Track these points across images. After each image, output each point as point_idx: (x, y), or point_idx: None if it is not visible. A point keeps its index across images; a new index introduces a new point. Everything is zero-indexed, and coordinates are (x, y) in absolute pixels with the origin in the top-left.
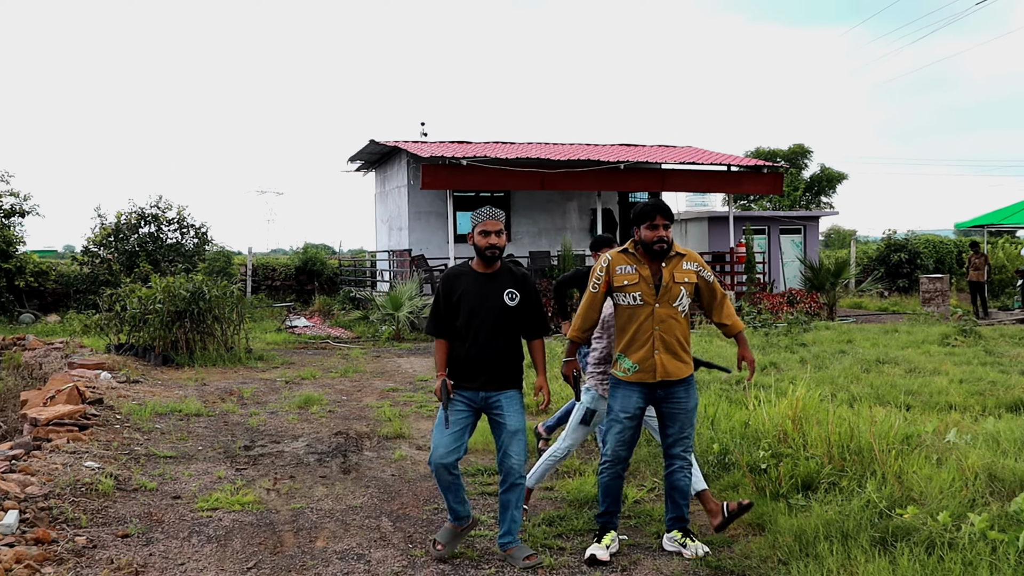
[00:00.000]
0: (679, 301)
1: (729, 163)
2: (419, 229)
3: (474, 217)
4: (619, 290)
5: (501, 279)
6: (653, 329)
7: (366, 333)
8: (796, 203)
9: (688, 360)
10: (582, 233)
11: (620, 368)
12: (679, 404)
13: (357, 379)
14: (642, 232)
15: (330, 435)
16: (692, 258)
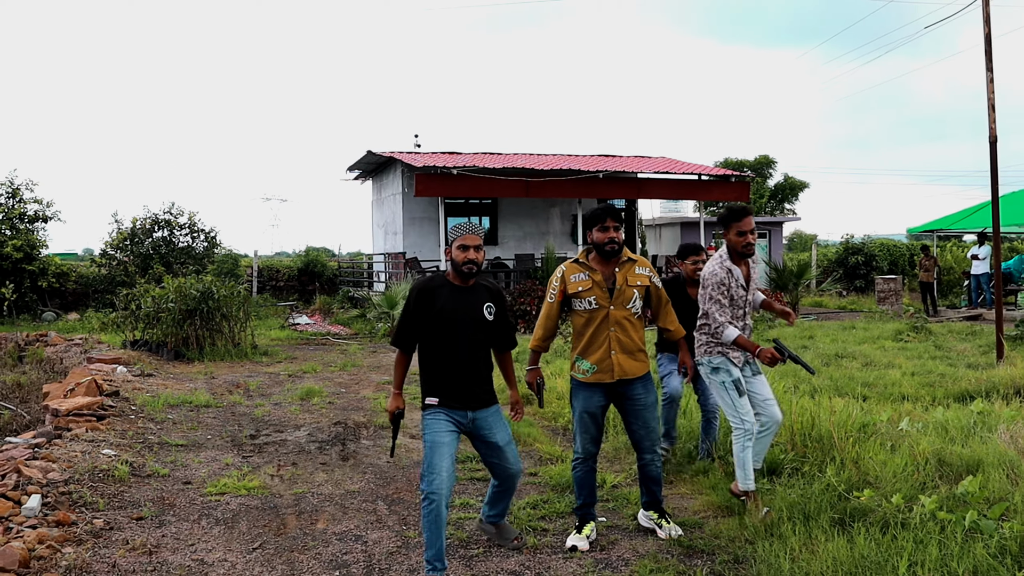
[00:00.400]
0: (632, 304)
1: (700, 172)
2: (413, 234)
3: (453, 231)
4: (575, 296)
5: (479, 293)
6: (609, 331)
7: (363, 330)
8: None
9: (645, 359)
10: (564, 237)
11: (579, 370)
12: (639, 401)
13: (355, 373)
14: (594, 235)
15: (330, 425)
16: (643, 264)
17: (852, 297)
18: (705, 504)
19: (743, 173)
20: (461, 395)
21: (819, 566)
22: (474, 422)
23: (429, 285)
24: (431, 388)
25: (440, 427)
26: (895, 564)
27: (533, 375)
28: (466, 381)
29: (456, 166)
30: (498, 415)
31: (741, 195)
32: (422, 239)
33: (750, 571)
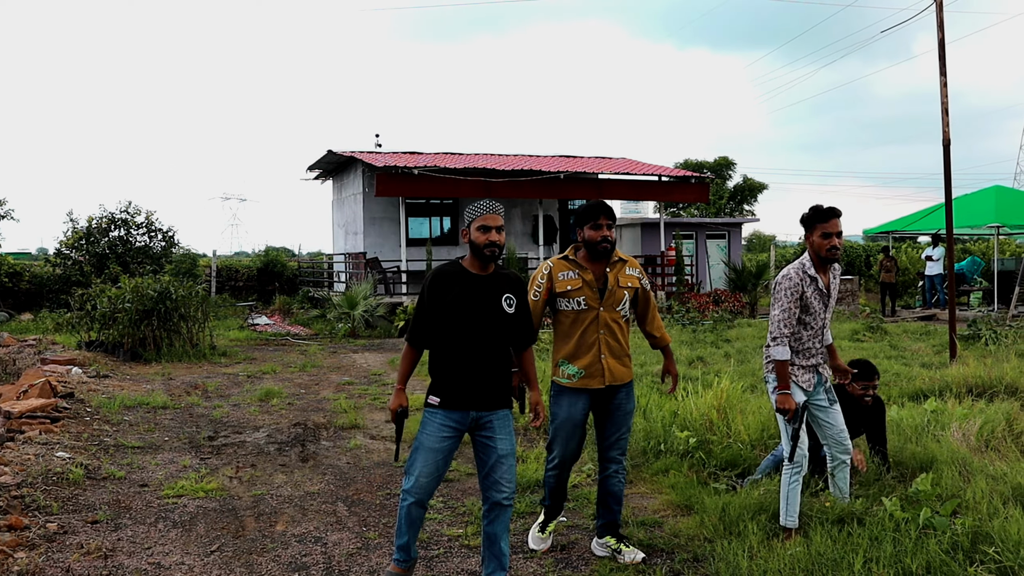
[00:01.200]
0: (622, 306)
1: (660, 174)
2: (373, 233)
3: (471, 211)
4: (562, 296)
5: (498, 282)
6: (598, 333)
7: (323, 330)
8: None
9: (630, 364)
10: (525, 238)
11: (563, 375)
12: (622, 407)
13: (315, 373)
14: (585, 232)
15: (289, 426)
16: (634, 265)
17: None
18: (664, 503)
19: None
20: (467, 394)
21: (777, 563)
22: (477, 422)
23: (445, 272)
24: (436, 385)
25: (433, 430)
26: (851, 561)
27: (515, 378)
28: (475, 379)
29: (417, 166)
30: (507, 421)
31: (701, 196)
32: (383, 239)
33: (709, 569)
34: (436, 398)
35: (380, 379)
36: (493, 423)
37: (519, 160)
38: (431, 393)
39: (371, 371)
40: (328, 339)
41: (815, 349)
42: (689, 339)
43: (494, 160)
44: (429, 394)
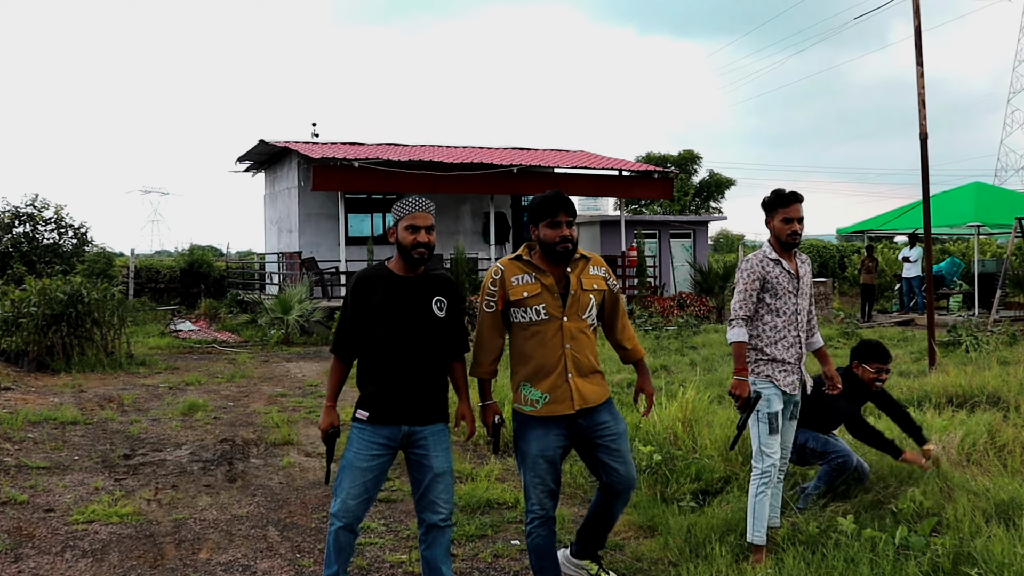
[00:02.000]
0: (588, 313)
1: (621, 168)
2: (309, 231)
3: (398, 208)
4: (518, 305)
5: (428, 284)
6: (563, 348)
7: (254, 337)
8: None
9: (603, 381)
10: (475, 236)
11: (526, 401)
12: (608, 429)
13: (244, 384)
14: (541, 231)
15: (215, 442)
16: (598, 263)
17: None
18: (625, 524)
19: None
20: (397, 406)
21: None
22: (410, 438)
23: (368, 275)
24: (364, 399)
25: (361, 448)
26: None
27: (491, 413)
28: (405, 390)
29: (357, 158)
30: (442, 436)
31: (664, 192)
32: (320, 237)
33: None
34: (364, 412)
35: (316, 390)
36: (427, 439)
37: (469, 152)
38: (359, 407)
39: (306, 381)
40: (259, 347)
41: (793, 340)
42: (652, 346)
43: (442, 152)
44: (357, 408)
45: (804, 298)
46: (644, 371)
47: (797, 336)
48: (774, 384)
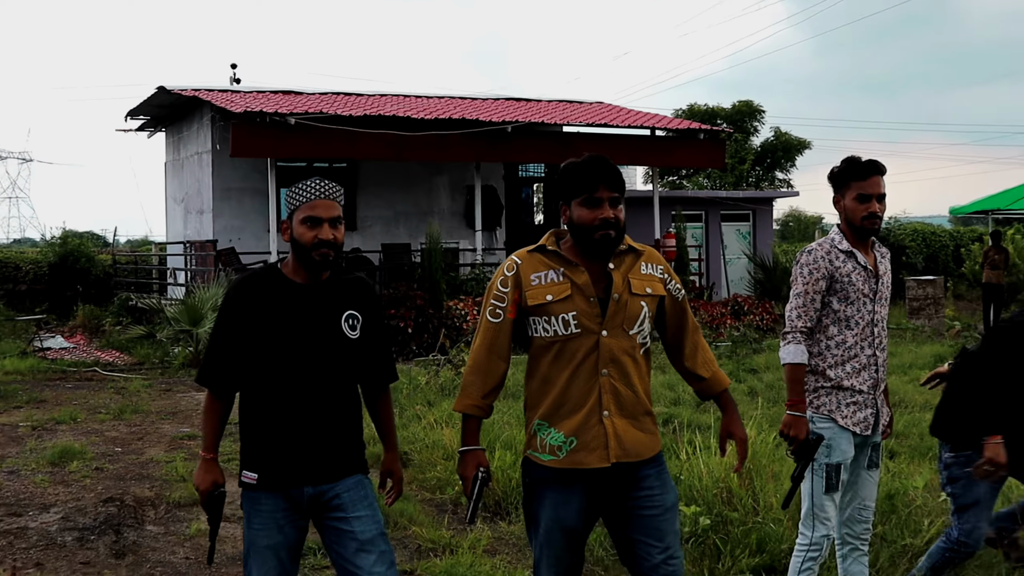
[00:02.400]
0: (639, 326)
1: (654, 125)
2: (228, 212)
3: (293, 195)
4: (538, 312)
5: (336, 294)
6: (598, 375)
7: (151, 357)
8: (743, 180)
9: (655, 427)
10: (455, 219)
11: (543, 447)
12: (651, 501)
13: (138, 422)
14: (573, 211)
15: (97, 503)
16: (653, 258)
17: None
18: None
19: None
20: (296, 463)
21: None
22: (318, 501)
23: (251, 284)
24: (250, 453)
25: (261, 523)
26: None
27: (472, 463)
28: (307, 439)
29: (294, 112)
30: (362, 491)
31: (713, 158)
32: (242, 220)
33: None
34: (251, 474)
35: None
36: (341, 498)
37: (447, 105)
38: (245, 466)
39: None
40: (158, 371)
41: (867, 360)
42: None
43: (411, 104)
44: (243, 467)
45: (883, 304)
46: (731, 407)
47: (873, 356)
48: (836, 423)
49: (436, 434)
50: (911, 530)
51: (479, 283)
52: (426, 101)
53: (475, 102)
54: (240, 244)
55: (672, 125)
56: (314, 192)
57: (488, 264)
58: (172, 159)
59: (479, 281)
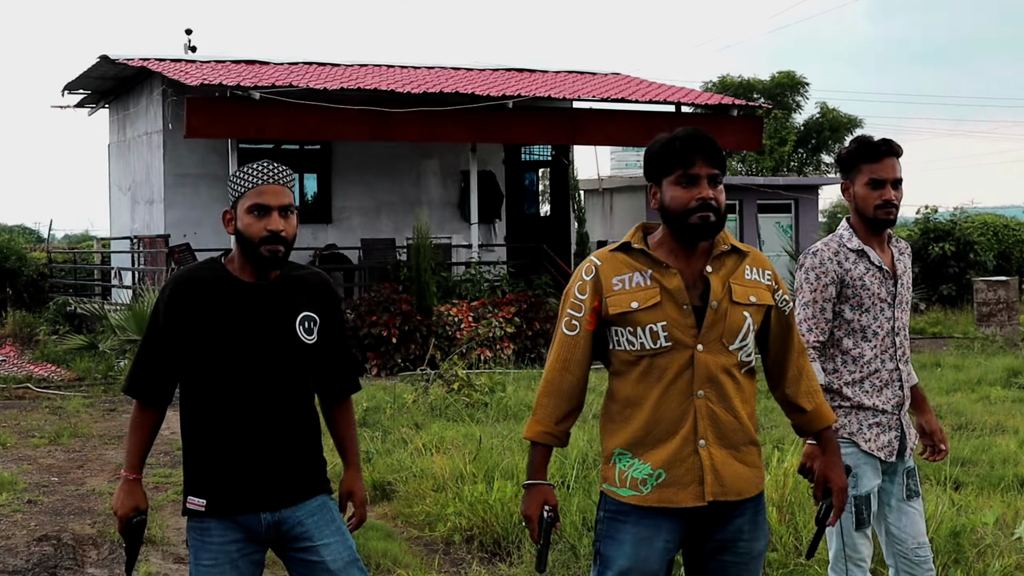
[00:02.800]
0: (740, 340)
1: (680, 100)
2: (182, 202)
3: (236, 180)
4: (621, 322)
5: (288, 293)
6: (692, 397)
7: (94, 372)
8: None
9: (759, 461)
10: (447, 209)
11: (625, 481)
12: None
13: (77, 448)
14: (665, 191)
15: (30, 542)
16: (759, 261)
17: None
18: None
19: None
20: (250, 485)
21: None
22: (279, 529)
23: (192, 280)
24: (196, 477)
25: (211, 557)
26: None
27: (537, 500)
28: (262, 458)
29: (259, 85)
30: (328, 514)
31: (748, 139)
32: (198, 212)
33: None
34: (199, 500)
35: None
36: (306, 524)
37: (438, 76)
38: (190, 491)
39: (175, 443)
40: (101, 387)
41: (889, 376)
42: None
43: (395, 76)
44: (187, 493)
45: (905, 310)
46: (832, 447)
47: (896, 370)
48: (859, 447)
49: (425, 461)
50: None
51: (475, 285)
52: (413, 72)
53: (471, 73)
54: (196, 239)
55: (701, 100)
56: (261, 176)
57: (485, 263)
58: (117, 140)
59: (475, 282)
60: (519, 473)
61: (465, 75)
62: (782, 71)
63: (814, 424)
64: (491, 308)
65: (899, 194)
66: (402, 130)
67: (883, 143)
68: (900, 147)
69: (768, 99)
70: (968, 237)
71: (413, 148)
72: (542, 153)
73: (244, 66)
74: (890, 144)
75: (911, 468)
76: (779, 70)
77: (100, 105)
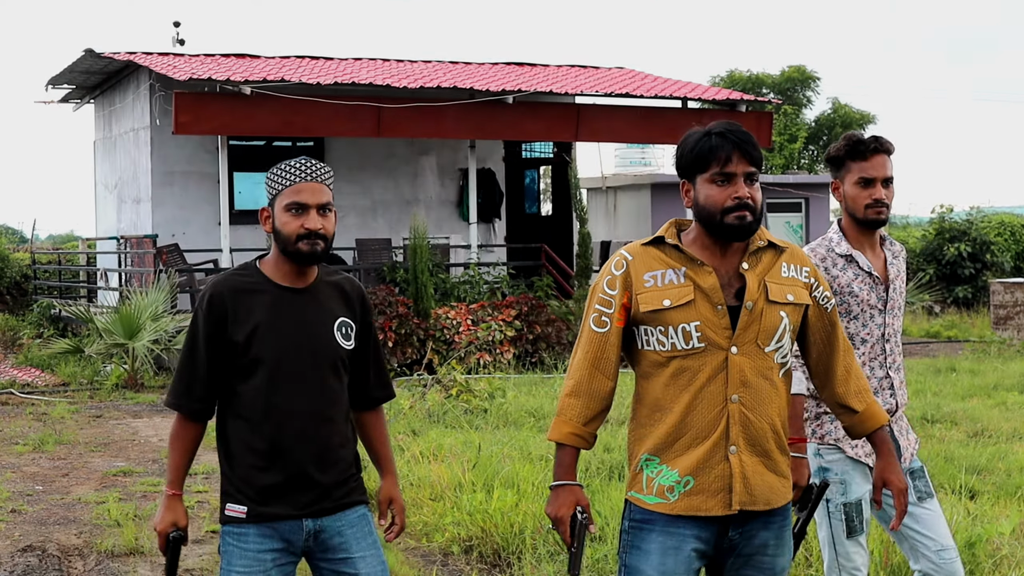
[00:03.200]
0: (777, 342)
1: (686, 96)
2: (170, 201)
3: (275, 178)
4: (652, 321)
5: (326, 298)
6: (726, 401)
7: (79, 376)
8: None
9: (788, 469)
10: (444, 208)
11: (652, 488)
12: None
13: (63, 455)
14: (699, 189)
15: (13, 552)
16: (796, 257)
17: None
18: None
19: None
20: (294, 492)
21: None
22: (318, 537)
23: (233, 288)
24: (237, 483)
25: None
26: None
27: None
28: (304, 464)
29: (250, 80)
30: (364, 526)
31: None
32: (187, 211)
33: None
34: (239, 507)
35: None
36: (344, 535)
37: (435, 70)
38: (228, 499)
39: (164, 450)
40: (87, 392)
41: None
42: None
43: (391, 70)
44: (226, 501)
45: (898, 315)
46: (886, 449)
47: (886, 378)
48: (844, 452)
49: (422, 469)
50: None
51: (474, 286)
52: (410, 66)
53: (469, 67)
54: (185, 240)
55: (708, 95)
56: (299, 174)
57: (485, 264)
58: (102, 137)
59: (474, 284)
60: (519, 482)
61: (464, 69)
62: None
63: (867, 425)
64: (490, 311)
65: (890, 193)
66: (398, 126)
67: (873, 140)
68: (891, 144)
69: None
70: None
71: (410, 145)
72: (543, 150)
73: (234, 60)
74: (880, 141)
75: (915, 470)
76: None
77: (85, 100)
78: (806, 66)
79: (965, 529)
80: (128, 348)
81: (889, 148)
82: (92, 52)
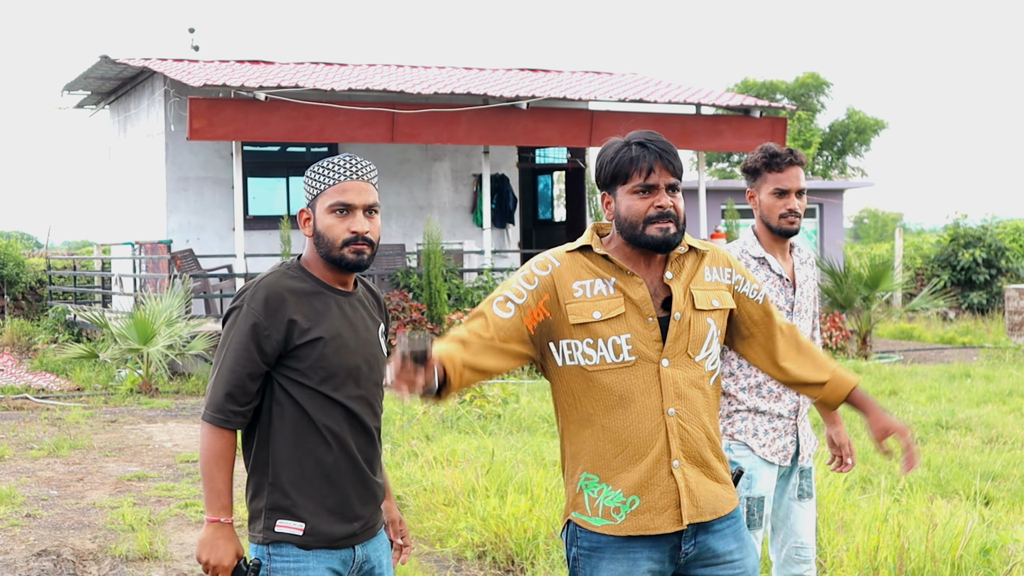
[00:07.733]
0: (706, 350)
1: (700, 102)
2: (184, 207)
3: (316, 176)
4: (579, 334)
5: (368, 305)
6: (663, 414)
7: (94, 381)
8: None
9: (727, 474)
10: (458, 214)
11: (596, 509)
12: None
13: (78, 460)
14: (620, 201)
15: (28, 557)
16: (718, 258)
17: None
18: None
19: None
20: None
21: None
22: (362, 567)
23: (290, 289)
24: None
25: None
26: None
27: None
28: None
29: (264, 85)
30: (387, 547)
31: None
32: (201, 217)
33: None
34: (297, 524)
35: (194, 469)
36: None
37: (449, 76)
38: (283, 514)
39: (179, 455)
40: (102, 398)
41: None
42: None
43: (405, 76)
44: (278, 517)
45: (805, 317)
46: (869, 403)
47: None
48: (749, 447)
49: (435, 475)
50: None
51: (488, 292)
52: (424, 72)
53: (483, 73)
54: (199, 245)
55: (722, 101)
56: (344, 172)
57: (498, 269)
58: (119, 142)
59: (487, 290)
60: (533, 487)
61: (478, 75)
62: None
63: (839, 391)
64: None
65: (802, 203)
66: (412, 132)
67: (788, 153)
68: (804, 157)
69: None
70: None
71: (423, 151)
72: (557, 156)
73: (249, 66)
74: (795, 154)
75: (805, 470)
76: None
77: (100, 106)
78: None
79: (980, 536)
80: (143, 353)
81: (803, 161)
82: (107, 58)
